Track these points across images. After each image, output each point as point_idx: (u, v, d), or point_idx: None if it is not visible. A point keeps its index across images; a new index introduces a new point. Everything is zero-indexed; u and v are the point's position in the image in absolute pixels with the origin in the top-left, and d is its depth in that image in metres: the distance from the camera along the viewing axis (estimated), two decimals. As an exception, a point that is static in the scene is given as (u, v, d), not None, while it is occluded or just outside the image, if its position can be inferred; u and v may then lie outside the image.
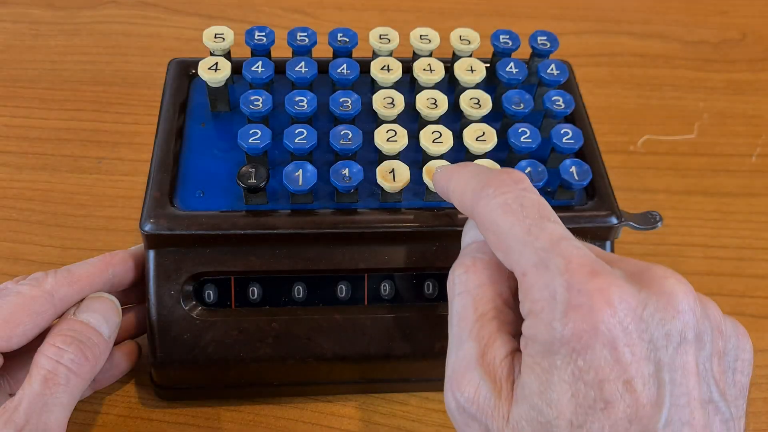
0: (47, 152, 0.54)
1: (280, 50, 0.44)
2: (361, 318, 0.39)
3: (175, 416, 0.41)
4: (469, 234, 0.32)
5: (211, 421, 0.40)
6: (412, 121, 0.41)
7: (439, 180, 0.33)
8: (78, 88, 0.58)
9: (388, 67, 0.41)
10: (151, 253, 0.38)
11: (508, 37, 0.44)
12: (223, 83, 0.41)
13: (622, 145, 0.57)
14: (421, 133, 0.38)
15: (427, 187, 0.38)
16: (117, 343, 0.39)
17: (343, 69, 0.41)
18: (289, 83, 0.41)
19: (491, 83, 0.44)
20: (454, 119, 0.42)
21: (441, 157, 0.38)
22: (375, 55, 0.44)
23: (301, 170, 0.37)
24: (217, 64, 0.41)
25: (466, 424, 0.28)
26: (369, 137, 0.39)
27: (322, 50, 0.44)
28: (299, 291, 0.39)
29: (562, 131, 0.39)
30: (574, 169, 0.38)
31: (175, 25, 0.65)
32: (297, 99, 0.39)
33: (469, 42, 0.43)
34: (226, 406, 0.41)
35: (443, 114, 0.40)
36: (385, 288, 0.39)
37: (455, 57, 0.44)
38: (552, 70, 0.42)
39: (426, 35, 0.43)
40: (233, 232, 0.37)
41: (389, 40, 0.43)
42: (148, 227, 0.37)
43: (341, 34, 0.43)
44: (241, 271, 0.38)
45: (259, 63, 0.41)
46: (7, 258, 0.47)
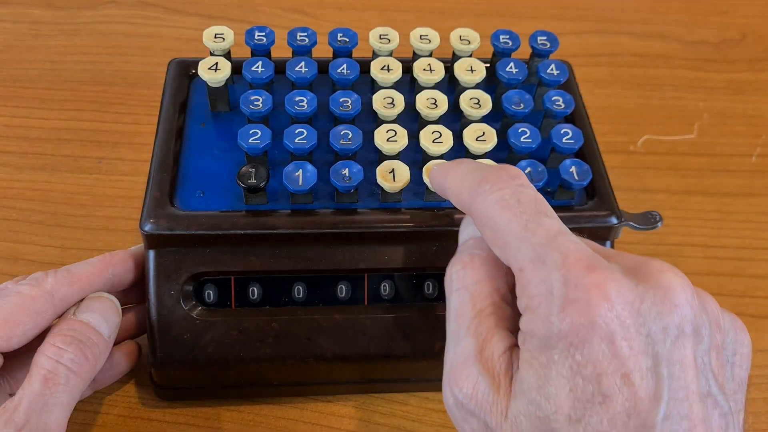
0: (47, 152, 0.54)
1: (280, 50, 0.44)
2: (361, 318, 0.39)
3: (175, 416, 0.41)
4: (466, 230, 0.32)
5: (211, 421, 0.40)
6: (412, 121, 0.41)
7: (435, 176, 0.33)
8: (78, 88, 0.58)
9: (388, 67, 0.41)
10: (151, 253, 0.38)
11: (508, 37, 0.44)
12: (223, 83, 0.41)
13: (622, 145, 0.57)
14: (421, 133, 0.38)
15: (427, 187, 0.38)
16: (117, 343, 0.39)
17: (343, 69, 0.41)
18: (289, 83, 0.41)
19: (491, 83, 0.44)
20: (454, 119, 0.42)
21: (441, 157, 0.38)
22: (375, 55, 0.44)
23: (301, 170, 0.37)
24: (217, 64, 0.41)
25: (464, 419, 0.28)
26: (369, 137, 0.39)
27: (322, 50, 0.44)
28: (299, 291, 0.39)
29: (562, 131, 0.39)
30: (574, 169, 0.38)
31: (175, 25, 0.65)
32: (297, 99, 0.39)
33: (469, 42, 0.43)
34: (226, 406, 0.41)
35: (443, 114, 0.40)
36: (385, 288, 0.39)
37: (455, 57, 0.44)
38: (552, 70, 0.42)
39: (426, 35, 0.43)
40: (233, 232, 0.37)
41: (389, 40, 0.43)
42: (148, 227, 0.37)
43: (341, 34, 0.43)
44: (241, 271, 0.38)
45: (259, 63, 0.41)
46: (7, 258, 0.47)
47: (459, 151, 0.39)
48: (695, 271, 0.49)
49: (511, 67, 0.42)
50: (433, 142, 0.38)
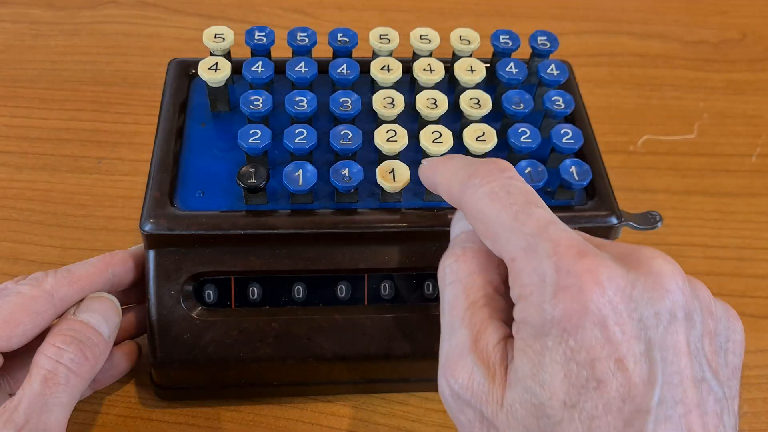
0: (47, 152, 0.54)
1: (280, 50, 0.44)
2: (361, 318, 0.39)
3: (175, 416, 0.41)
4: (458, 225, 0.32)
5: (211, 421, 0.40)
6: (412, 121, 0.41)
7: (425, 172, 0.34)
8: (78, 88, 0.58)
9: (388, 67, 0.41)
10: (151, 253, 0.38)
11: (508, 37, 0.44)
12: (223, 83, 0.41)
13: (622, 145, 0.57)
14: (421, 133, 0.38)
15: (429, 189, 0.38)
16: (117, 343, 0.39)
17: (343, 69, 0.41)
18: (289, 83, 0.41)
19: (491, 83, 0.44)
20: (454, 119, 0.42)
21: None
22: (375, 55, 0.44)
23: (301, 170, 0.37)
24: (217, 64, 0.41)
25: (460, 410, 0.28)
26: (369, 137, 0.39)
27: (322, 50, 0.44)
28: (299, 291, 0.39)
29: (562, 131, 0.39)
30: (574, 169, 0.38)
31: (175, 25, 0.65)
32: (297, 99, 0.39)
33: (469, 42, 0.43)
34: (226, 406, 0.41)
35: (443, 114, 0.40)
36: (385, 288, 0.39)
37: (455, 57, 0.44)
38: (552, 70, 0.42)
39: (426, 35, 0.43)
40: (233, 232, 0.37)
41: (389, 40, 0.43)
42: (148, 227, 0.37)
43: (341, 34, 0.43)
44: (241, 271, 0.38)
45: (259, 63, 0.41)
46: (7, 258, 0.47)
47: (459, 151, 0.39)
48: (695, 271, 0.49)
49: (511, 67, 0.42)
50: (433, 142, 0.38)
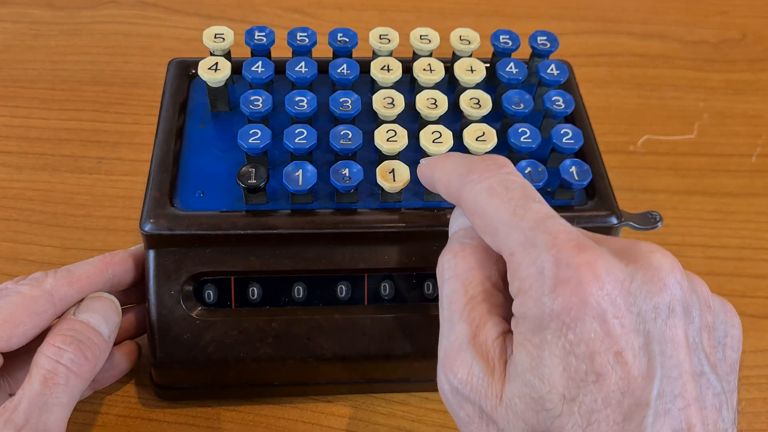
0: (47, 152, 0.54)
1: (280, 50, 0.44)
2: (361, 318, 0.39)
3: (175, 416, 0.41)
4: (457, 221, 0.32)
5: (211, 421, 0.40)
6: (412, 121, 0.41)
7: (424, 171, 0.34)
8: (78, 88, 0.58)
9: (388, 67, 0.41)
10: (151, 253, 0.38)
11: (508, 37, 0.44)
12: (223, 83, 0.41)
13: (622, 145, 0.57)
14: (421, 133, 0.38)
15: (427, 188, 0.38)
16: (117, 343, 0.39)
17: (343, 69, 0.41)
18: (289, 83, 0.41)
19: (491, 83, 0.44)
20: (454, 119, 0.42)
21: (441, 157, 0.38)
22: (375, 55, 0.44)
23: (301, 170, 0.37)
24: (217, 64, 0.41)
25: (459, 405, 0.28)
26: (369, 137, 0.39)
27: (322, 50, 0.44)
28: (299, 291, 0.39)
29: (562, 131, 0.39)
30: (574, 169, 0.38)
31: (175, 25, 0.65)
32: (297, 99, 0.39)
33: (469, 42, 0.43)
34: (226, 406, 0.41)
35: (443, 114, 0.40)
36: (385, 288, 0.39)
37: (455, 57, 0.44)
38: (552, 70, 0.42)
39: (426, 35, 0.43)
40: (233, 232, 0.37)
41: (389, 40, 0.43)
42: (148, 227, 0.37)
43: (341, 34, 0.43)
44: (241, 271, 0.38)
45: (259, 63, 0.41)
46: (7, 258, 0.47)
47: (459, 151, 0.39)
48: (695, 271, 0.49)
49: (511, 67, 0.42)
50: (433, 142, 0.38)
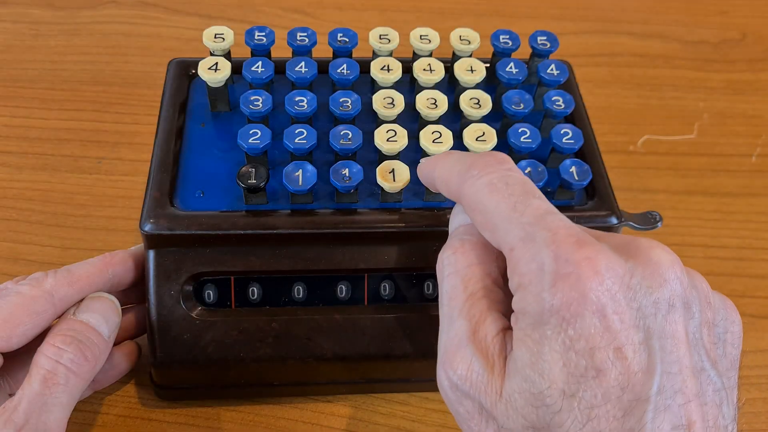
0: (47, 152, 0.54)
1: (280, 50, 0.44)
2: (361, 318, 0.39)
3: (175, 416, 0.41)
4: (457, 218, 0.32)
5: (211, 421, 0.40)
6: (412, 121, 0.41)
7: (424, 169, 0.34)
8: (78, 88, 0.58)
9: (388, 67, 0.41)
10: (151, 253, 0.38)
11: (508, 37, 0.44)
12: (223, 83, 0.41)
13: (622, 145, 0.57)
14: (421, 133, 0.38)
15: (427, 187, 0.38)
16: (117, 343, 0.39)
17: (343, 69, 0.41)
18: (289, 83, 0.41)
19: (491, 83, 0.44)
20: (454, 119, 0.42)
21: (441, 157, 0.38)
22: (375, 55, 0.44)
23: (301, 170, 0.37)
24: (217, 64, 0.41)
25: (459, 402, 0.28)
26: (369, 137, 0.39)
27: (322, 50, 0.44)
28: (299, 291, 0.39)
29: (562, 131, 0.39)
30: (574, 169, 0.38)
31: (175, 25, 0.65)
32: (297, 99, 0.39)
33: (469, 42, 0.43)
34: (226, 406, 0.41)
35: (443, 114, 0.40)
36: (385, 288, 0.39)
37: (455, 57, 0.44)
38: (552, 70, 0.42)
39: (426, 35, 0.43)
40: (233, 232, 0.37)
41: (389, 40, 0.43)
42: (148, 227, 0.37)
43: (341, 34, 0.43)
44: (241, 271, 0.38)
45: (259, 63, 0.41)
46: (7, 258, 0.47)
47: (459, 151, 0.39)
48: (695, 271, 0.49)
49: (511, 67, 0.42)
50: (433, 142, 0.38)
